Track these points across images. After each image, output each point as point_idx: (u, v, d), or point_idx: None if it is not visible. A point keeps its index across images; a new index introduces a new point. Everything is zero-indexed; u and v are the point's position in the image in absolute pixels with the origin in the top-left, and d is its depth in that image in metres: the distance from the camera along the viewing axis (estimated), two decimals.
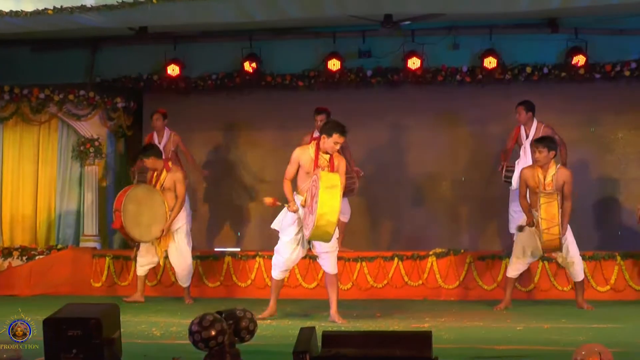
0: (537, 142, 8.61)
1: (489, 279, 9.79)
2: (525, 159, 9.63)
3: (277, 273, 8.08)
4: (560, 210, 8.21)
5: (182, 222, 9.49)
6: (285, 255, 7.97)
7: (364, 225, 11.50)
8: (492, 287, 9.72)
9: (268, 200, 8.04)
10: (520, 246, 8.77)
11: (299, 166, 7.86)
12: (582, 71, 10.74)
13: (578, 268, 8.73)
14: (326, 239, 7.44)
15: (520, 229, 8.65)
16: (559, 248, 8.38)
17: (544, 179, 8.49)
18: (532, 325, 7.52)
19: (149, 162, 9.40)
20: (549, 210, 8.21)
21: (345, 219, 10.02)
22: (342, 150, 10.19)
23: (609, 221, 11.20)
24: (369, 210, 11.56)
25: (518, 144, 9.90)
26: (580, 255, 8.73)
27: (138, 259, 9.61)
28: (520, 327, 7.44)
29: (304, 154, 7.89)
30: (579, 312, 8.52)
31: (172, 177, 9.37)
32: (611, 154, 11.32)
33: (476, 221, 11.55)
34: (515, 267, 8.88)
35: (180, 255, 9.47)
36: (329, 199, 7.17)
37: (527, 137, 9.76)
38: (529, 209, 8.55)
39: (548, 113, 10.52)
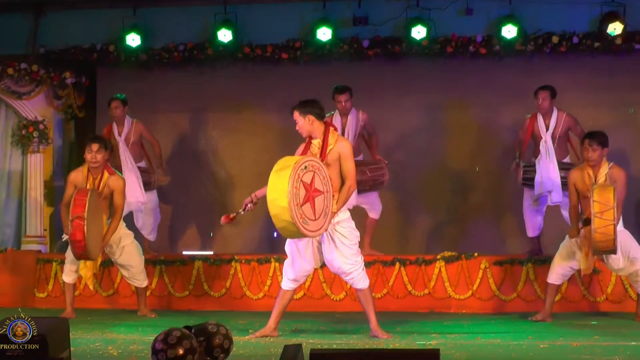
0: (590, 139, 8.51)
1: (508, 288, 9.82)
2: (546, 156, 9.68)
3: (284, 282, 8.05)
4: (616, 198, 8.08)
5: (131, 238, 9.45)
6: (290, 261, 7.93)
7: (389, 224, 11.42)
8: (512, 298, 9.78)
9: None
10: (567, 247, 8.75)
11: None
12: (619, 41, 10.71)
13: None
14: (292, 230, 7.30)
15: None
16: (613, 247, 8.18)
17: (596, 180, 8.46)
18: (559, 343, 7.55)
19: (101, 154, 9.06)
20: (603, 194, 8.13)
21: (375, 215, 10.37)
22: (369, 137, 10.20)
23: None
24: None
25: (534, 136, 9.91)
26: None
27: (67, 261, 9.33)
28: (545, 344, 7.46)
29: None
30: (614, 328, 8.51)
31: (114, 184, 9.16)
32: None
33: (488, 220, 11.58)
34: (557, 272, 8.85)
35: (132, 252, 9.40)
36: (277, 181, 7.21)
37: (547, 128, 9.79)
38: (578, 219, 8.56)
39: (578, 91, 10.53)
